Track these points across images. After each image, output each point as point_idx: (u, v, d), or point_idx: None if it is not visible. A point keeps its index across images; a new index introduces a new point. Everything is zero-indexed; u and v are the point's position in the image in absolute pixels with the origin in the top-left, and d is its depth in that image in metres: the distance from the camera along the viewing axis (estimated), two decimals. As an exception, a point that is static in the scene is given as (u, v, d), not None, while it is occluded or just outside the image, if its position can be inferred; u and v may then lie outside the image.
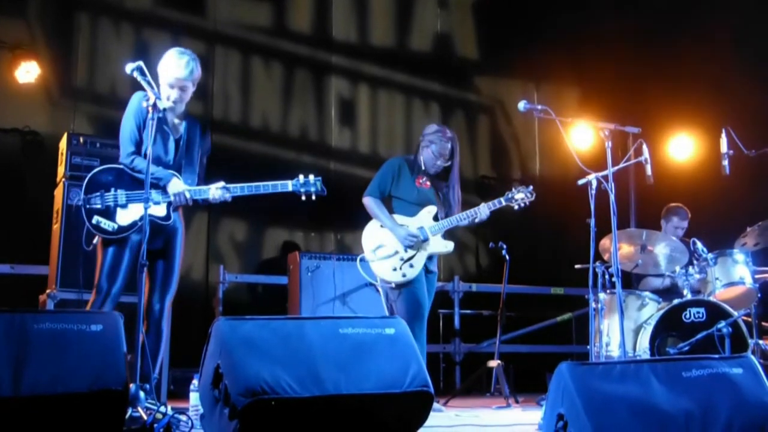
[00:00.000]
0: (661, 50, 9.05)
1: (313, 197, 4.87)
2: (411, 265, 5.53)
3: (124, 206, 4.51)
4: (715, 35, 8.21)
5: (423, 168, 5.78)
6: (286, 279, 7.08)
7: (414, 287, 5.52)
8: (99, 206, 4.46)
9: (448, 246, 5.68)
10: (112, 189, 4.50)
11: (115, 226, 4.46)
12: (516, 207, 5.75)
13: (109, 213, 4.47)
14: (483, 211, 5.64)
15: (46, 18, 7.84)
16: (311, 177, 4.87)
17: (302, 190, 4.84)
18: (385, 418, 3.52)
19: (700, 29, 8.52)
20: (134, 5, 8.36)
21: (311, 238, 8.90)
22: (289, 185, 4.82)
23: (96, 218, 4.44)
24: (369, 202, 5.72)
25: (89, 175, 4.54)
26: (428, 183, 5.79)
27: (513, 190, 5.79)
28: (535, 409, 5.40)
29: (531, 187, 5.83)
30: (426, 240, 5.59)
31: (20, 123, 7.56)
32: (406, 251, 5.55)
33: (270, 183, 4.76)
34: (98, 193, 4.48)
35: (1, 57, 7.48)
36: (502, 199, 5.73)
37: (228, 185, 4.68)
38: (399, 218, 5.66)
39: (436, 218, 5.70)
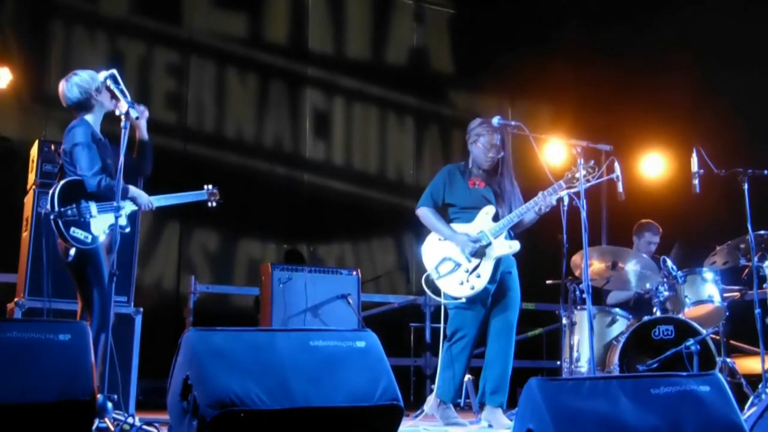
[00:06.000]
0: (634, 69, 9.15)
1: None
2: (478, 276, 5.15)
3: (94, 217, 4.49)
4: (688, 55, 8.32)
5: (476, 165, 5.40)
6: (257, 290, 7.05)
7: (476, 297, 5.20)
8: (76, 218, 4.41)
9: (514, 246, 5.24)
10: (82, 200, 4.47)
11: (91, 237, 4.44)
12: (585, 184, 4.99)
13: (85, 224, 4.44)
14: (545, 198, 5.13)
15: (19, 24, 7.78)
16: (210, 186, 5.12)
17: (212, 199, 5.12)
18: (354, 432, 3.52)
19: (672, 49, 8.63)
20: (109, 12, 8.32)
21: (284, 250, 8.88)
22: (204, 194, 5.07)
23: (73, 229, 4.40)
24: (423, 212, 5.36)
25: (57, 188, 4.46)
26: (483, 182, 5.37)
27: (572, 169, 5.11)
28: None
29: (592, 162, 5.08)
30: (489, 245, 5.18)
31: (-9, 129, 7.49)
32: (469, 261, 5.16)
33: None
34: (72, 205, 4.43)
35: (-27, 63, 7.41)
36: (561, 182, 5.13)
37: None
38: (457, 226, 5.28)
39: (496, 218, 5.28)
